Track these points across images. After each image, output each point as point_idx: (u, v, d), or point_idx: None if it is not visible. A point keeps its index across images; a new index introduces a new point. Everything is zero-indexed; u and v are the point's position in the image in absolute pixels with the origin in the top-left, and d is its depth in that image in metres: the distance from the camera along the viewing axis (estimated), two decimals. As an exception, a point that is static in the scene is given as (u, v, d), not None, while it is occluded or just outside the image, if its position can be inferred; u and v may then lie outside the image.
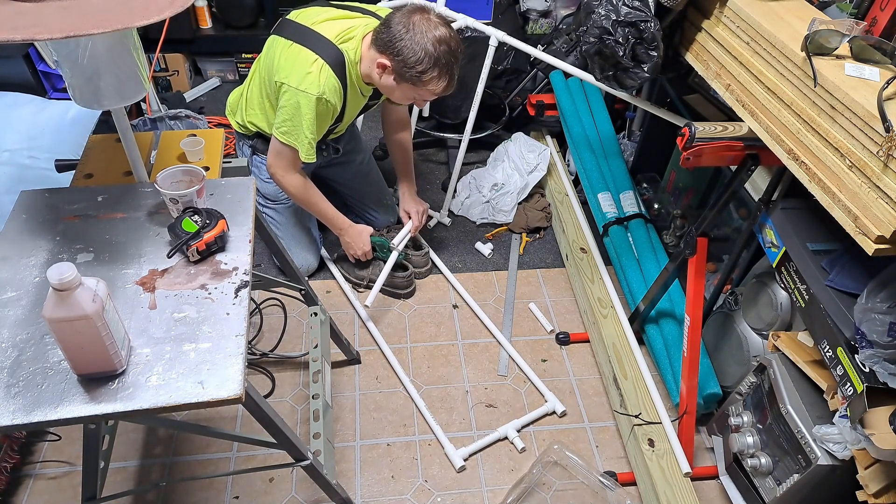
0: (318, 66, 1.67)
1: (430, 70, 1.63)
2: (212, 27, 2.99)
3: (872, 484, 1.15)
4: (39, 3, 0.99)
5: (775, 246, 1.42)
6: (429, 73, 1.64)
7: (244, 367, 0.98)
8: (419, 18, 1.61)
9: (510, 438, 1.73)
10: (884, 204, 1.01)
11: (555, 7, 2.96)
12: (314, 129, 1.73)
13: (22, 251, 1.14)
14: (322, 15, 1.77)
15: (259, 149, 1.97)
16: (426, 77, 1.65)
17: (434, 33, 1.60)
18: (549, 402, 1.82)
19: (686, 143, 1.37)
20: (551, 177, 2.50)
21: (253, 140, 1.98)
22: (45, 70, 2.21)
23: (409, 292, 2.13)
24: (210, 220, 1.15)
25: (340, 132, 2.01)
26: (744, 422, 1.51)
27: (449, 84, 1.70)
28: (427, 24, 1.61)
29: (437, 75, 1.65)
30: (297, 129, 1.73)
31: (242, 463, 1.66)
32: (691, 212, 2.12)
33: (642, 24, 1.50)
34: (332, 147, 2.04)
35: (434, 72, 1.64)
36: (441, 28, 1.62)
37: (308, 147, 1.76)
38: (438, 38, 1.60)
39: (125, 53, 1.14)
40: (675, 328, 1.78)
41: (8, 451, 1.56)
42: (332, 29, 1.72)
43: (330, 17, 1.76)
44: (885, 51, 1.16)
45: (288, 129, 1.74)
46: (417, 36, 1.59)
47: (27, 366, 0.96)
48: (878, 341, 1.10)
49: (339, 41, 1.71)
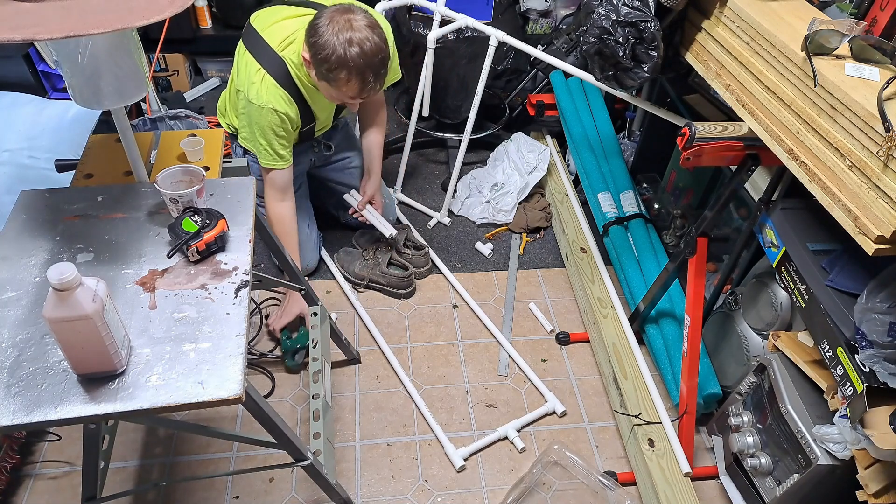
0: (261, 77, 1.68)
1: (338, 70, 1.58)
2: (212, 27, 2.99)
3: (872, 484, 1.15)
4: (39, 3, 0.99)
5: (775, 246, 1.42)
6: (336, 72, 1.59)
7: (244, 367, 0.98)
8: (341, 17, 1.56)
9: (510, 438, 1.73)
10: (884, 204, 1.01)
11: (555, 7, 2.96)
12: (269, 138, 1.74)
13: (22, 251, 1.14)
14: (273, 17, 1.75)
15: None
16: (335, 76, 1.60)
17: (348, 35, 1.55)
18: (550, 402, 1.82)
19: (686, 143, 1.37)
20: (551, 177, 2.50)
21: None
22: (45, 70, 2.21)
23: (409, 292, 2.13)
24: (210, 220, 1.15)
25: (325, 128, 1.99)
26: (744, 422, 1.51)
27: (362, 89, 1.64)
28: (345, 24, 1.56)
29: (345, 77, 1.60)
30: (252, 136, 1.75)
31: (242, 463, 1.66)
32: (691, 212, 2.12)
33: (642, 24, 1.50)
34: (324, 144, 2.03)
35: (342, 73, 1.58)
36: (361, 31, 1.56)
37: (266, 154, 1.76)
38: (351, 39, 1.55)
39: (125, 53, 1.14)
40: (675, 328, 1.78)
41: (8, 451, 1.56)
42: (276, 35, 1.71)
43: (278, 20, 1.74)
44: (886, 51, 1.16)
45: (246, 136, 1.77)
46: (331, 35, 1.55)
47: (27, 366, 0.96)
48: (878, 341, 1.10)
49: (282, 48, 1.70)
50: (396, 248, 2.15)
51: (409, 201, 2.49)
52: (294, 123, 1.79)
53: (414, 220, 2.41)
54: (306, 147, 2.05)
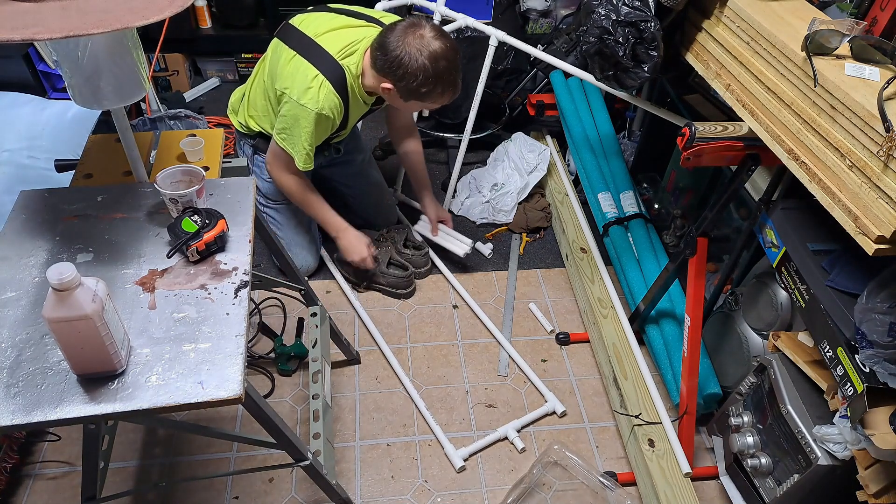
0: (319, 83, 1.68)
1: (434, 87, 1.65)
2: (212, 27, 2.99)
3: (872, 484, 1.15)
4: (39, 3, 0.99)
5: (775, 246, 1.42)
6: (433, 90, 1.66)
7: (244, 368, 0.98)
8: (412, 39, 1.60)
9: (510, 438, 1.73)
10: (884, 204, 1.01)
11: (555, 7, 2.96)
12: (311, 141, 1.75)
13: (21, 251, 1.14)
14: (326, 25, 1.76)
15: (260, 148, 1.98)
16: (432, 94, 1.67)
17: (430, 50, 1.60)
18: (550, 403, 1.82)
19: (686, 143, 1.37)
20: (551, 177, 2.50)
21: (255, 139, 1.98)
22: (45, 70, 2.21)
23: (409, 292, 2.13)
24: (210, 220, 1.15)
25: (343, 137, 2.01)
26: (744, 422, 1.51)
27: (454, 91, 1.72)
28: (421, 43, 1.60)
29: (441, 90, 1.67)
30: (294, 138, 1.75)
31: (242, 463, 1.66)
32: (691, 212, 2.12)
33: (642, 23, 1.50)
34: (334, 148, 2.04)
35: (438, 88, 1.66)
36: (435, 42, 1.61)
37: (305, 157, 1.78)
38: (435, 54, 1.60)
39: (125, 53, 1.14)
40: (675, 328, 1.78)
41: (8, 451, 1.56)
42: (335, 43, 1.71)
43: (333, 28, 1.75)
44: (886, 51, 1.16)
45: (286, 137, 1.76)
46: (414, 57, 1.59)
47: (27, 366, 0.96)
48: (878, 341, 1.10)
49: (342, 56, 1.71)
50: (396, 247, 2.15)
51: (409, 201, 2.49)
52: (333, 129, 1.81)
53: (414, 220, 2.41)
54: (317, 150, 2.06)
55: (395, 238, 2.17)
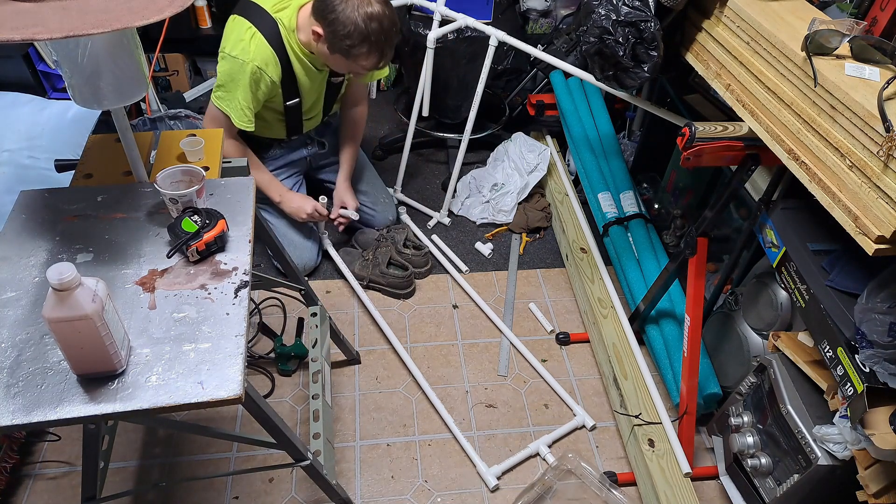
0: (250, 34, 1.71)
1: (360, 45, 1.65)
2: (212, 27, 2.98)
3: (872, 484, 1.15)
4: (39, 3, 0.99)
5: (775, 246, 1.42)
6: (357, 47, 1.66)
7: (244, 368, 0.98)
8: None
9: (542, 455, 1.70)
10: (884, 204, 1.01)
11: (555, 7, 2.96)
12: (248, 97, 1.75)
13: (21, 251, 1.14)
14: None
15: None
16: (355, 52, 1.67)
17: (366, 9, 1.61)
18: (579, 416, 1.79)
19: (686, 143, 1.37)
20: (551, 177, 2.50)
21: None
22: (45, 70, 2.21)
23: (409, 292, 2.13)
24: (210, 220, 1.14)
25: (315, 117, 1.99)
26: (744, 422, 1.51)
27: (380, 58, 1.71)
28: (362, 1, 1.61)
29: (366, 51, 1.67)
30: (230, 94, 1.76)
31: (242, 463, 1.66)
32: (691, 212, 2.12)
33: (642, 23, 1.50)
34: (318, 141, 2.03)
35: (363, 48, 1.66)
36: (375, 5, 1.62)
37: (240, 114, 1.78)
38: (370, 14, 1.61)
39: (125, 53, 1.14)
40: (675, 328, 1.78)
41: (8, 451, 1.56)
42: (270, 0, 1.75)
43: None
44: (886, 51, 1.16)
45: (222, 95, 1.78)
46: (350, 9, 1.61)
47: (27, 366, 0.95)
48: (878, 341, 1.10)
49: (275, 10, 1.73)
50: (396, 247, 2.15)
51: (409, 201, 2.49)
52: (274, 89, 1.80)
53: (414, 220, 2.41)
54: (299, 143, 2.06)
55: (395, 238, 2.17)
